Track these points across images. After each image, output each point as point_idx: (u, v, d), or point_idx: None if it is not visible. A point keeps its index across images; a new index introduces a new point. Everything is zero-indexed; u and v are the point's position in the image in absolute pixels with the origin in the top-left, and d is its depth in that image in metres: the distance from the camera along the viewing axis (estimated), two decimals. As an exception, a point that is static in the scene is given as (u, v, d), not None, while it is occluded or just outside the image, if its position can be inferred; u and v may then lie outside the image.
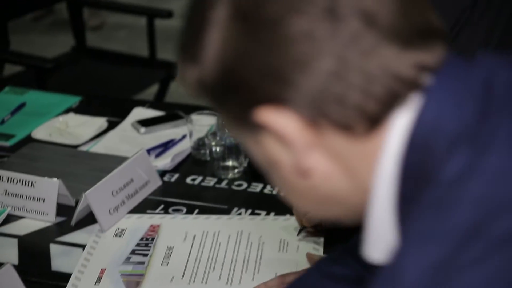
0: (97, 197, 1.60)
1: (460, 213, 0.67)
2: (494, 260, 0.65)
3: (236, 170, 1.77)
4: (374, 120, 0.71)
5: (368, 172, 0.72)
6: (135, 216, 1.65)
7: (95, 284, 1.45)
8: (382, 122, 0.71)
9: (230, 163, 1.77)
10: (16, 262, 1.52)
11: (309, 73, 0.70)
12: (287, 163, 0.74)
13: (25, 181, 1.66)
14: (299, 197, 0.79)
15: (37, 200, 1.65)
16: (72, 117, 2.06)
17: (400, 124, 0.71)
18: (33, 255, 1.55)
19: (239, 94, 0.73)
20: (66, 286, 1.44)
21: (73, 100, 2.16)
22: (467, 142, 0.69)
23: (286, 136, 0.72)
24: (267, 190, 1.71)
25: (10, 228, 1.63)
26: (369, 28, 0.70)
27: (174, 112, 2.04)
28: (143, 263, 1.50)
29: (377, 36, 0.70)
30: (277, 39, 0.70)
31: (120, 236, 1.59)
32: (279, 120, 0.71)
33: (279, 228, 1.57)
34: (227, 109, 0.76)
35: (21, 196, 1.66)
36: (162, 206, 1.69)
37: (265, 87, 0.71)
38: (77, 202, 1.64)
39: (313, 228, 1.50)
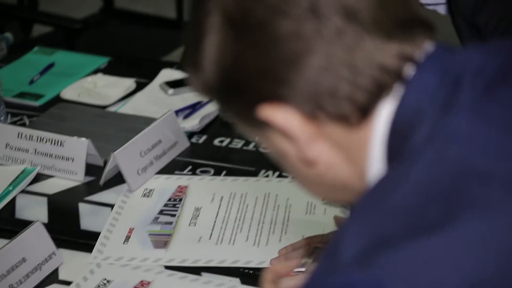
0: (125, 157, 1.61)
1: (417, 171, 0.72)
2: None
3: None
4: (365, 109, 0.76)
5: (364, 157, 0.77)
6: (163, 177, 1.66)
7: (123, 243, 1.46)
8: (372, 111, 0.76)
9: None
10: (45, 220, 1.54)
11: (301, 70, 0.75)
12: (293, 155, 0.79)
13: (55, 141, 1.67)
14: (309, 185, 0.85)
15: (66, 159, 1.67)
16: (100, 78, 2.06)
17: (385, 112, 0.76)
18: (62, 214, 1.57)
19: (240, 95, 0.78)
20: (95, 244, 1.46)
21: (102, 61, 2.17)
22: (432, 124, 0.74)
23: (288, 131, 0.77)
24: (294, 152, 1.71)
25: (40, 187, 1.65)
26: (351, 23, 0.74)
27: (202, 74, 2.03)
28: (171, 223, 1.51)
29: (359, 30, 0.75)
30: (267, 41, 0.75)
31: (148, 196, 1.60)
32: (280, 117, 0.76)
33: (306, 191, 1.57)
34: (233, 110, 0.82)
35: (51, 156, 1.67)
36: (189, 167, 1.70)
37: (262, 86, 0.76)
38: (105, 162, 1.65)
39: None
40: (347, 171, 0.79)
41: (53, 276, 1.39)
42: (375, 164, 0.78)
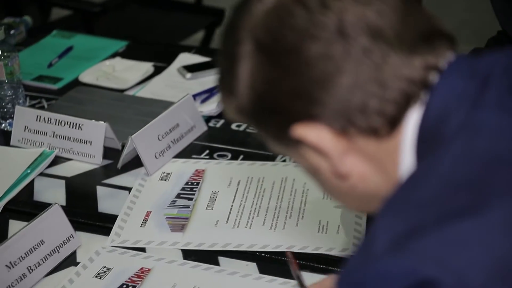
0: (143, 140, 1.61)
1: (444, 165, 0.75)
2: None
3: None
4: (394, 120, 0.79)
5: (395, 165, 0.80)
6: (181, 161, 1.66)
7: (140, 226, 1.47)
8: (401, 121, 0.80)
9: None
10: (63, 203, 1.54)
11: (331, 89, 0.78)
12: (326, 170, 0.83)
13: (73, 124, 1.68)
14: (341, 197, 0.88)
15: (84, 142, 1.67)
16: (118, 62, 2.07)
17: (412, 120, 0.79)
18: (80, 197, 1.58)
19: (273, 116, 0.82)
20: (112, 227, 1.46)
21: (120, 45, 2.17)
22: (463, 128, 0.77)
23: (321, 147, 0.80)
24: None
25: (58, 169, 1.65)
26: (376, 42, 0.79)
27: (220, 58, 2.03)
28: (188, 206, 1.51)
29: (385, 48, 0.79)
30: (298, 65, 0.79)
31: (165, 180, 1.60)
32: (313, 135, 0.80)
33: (323, 176, 1.56)
34: (267, 130, 0.85)
35: (69, 138, 1.68)
36: (207, 151, 1.70)
37: (295, 107, 0.80)
38: (123, 146, 1.66)
39: None
40: (379, 181, 0.82)
41: (71, 259, 1.40)
42: (406, 168, 0.81)
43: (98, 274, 1.35)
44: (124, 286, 1.32)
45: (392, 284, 0.69)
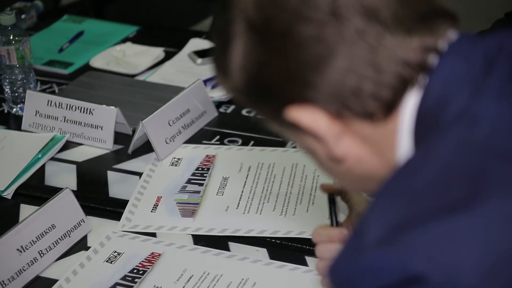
0: (153, 126, 1.61)
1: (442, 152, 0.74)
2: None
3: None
4: (390, 105, 0.77)
5: (392, 148, 0.79)
6: (191, 146, 1.67)
7: (151, 211, 1.47)
8: (397, 105, 0.77)
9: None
10: (74, 187, 1.55)
11: (325, 72, 0.76)
12: (322, 153, 0.81)
13: (84, 109, 1.68)
14: (339, 178, 0.88)
15: (95, 127, 1.67)
16: (129, 47, 2.06)
17: (410, 104, 0.77)
18: (91, 181, 1.58)
19: (267, 98, 0.81)
20: (123, 212, 1.47)
21: (131, 30, 2.17)
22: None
23: (316, 131, 0.79)
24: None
25: (69, 154, 1.66)
26: (371, 23, 0.75)
27: (230, 44, 2.03)
28: (198, 192, 1.52)
29: (380, 29, 0.76)
30: (290, 46, 0.77)
31: (176, 165, 1.60)
32: (307, 118, 0.78)
33: (334, 162, 1.56)
34: (262, 111, 0.84)
35: (80, 123, 1.68)
36: (217, 137, 1.70)
37: (288, 90, 0.78)
38: (134, 131, 1.66)
39: None
40: (375, 163, 0.80)
41: (82, 243, 1.40)
42: (403, 152, 0.79)
43: (109, 258, 1.35)
44: (135, 270, 1.33)
45: (380, 277, 0.68)
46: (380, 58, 0.76)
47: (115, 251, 1.37)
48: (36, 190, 1.55)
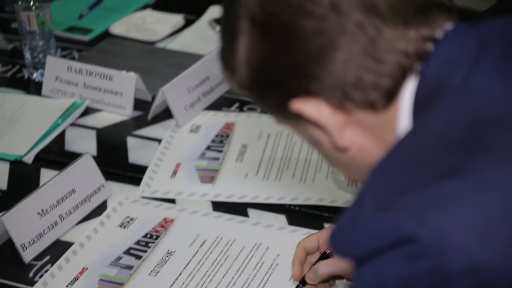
0: (173, 92, 1.62)
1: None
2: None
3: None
4: (390, 93, 0.80)
5: (393, 134, 0.81)
6: (210, 113, 1.67)
7: (170, 177, 1.48)
8: (397, 93, 0.80)
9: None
10: (94, 153, 1.55)
11: (326, 64, 0.79)
12: (326, 143, 0.84)
13: (103, 75, 1.68)
14: (344, 169, 0.89)
15: (114, 93, 1.68)
16: (149, 14, 2.06)
17: (409, 90, 0.80)
18: (111, 147, 1.59)
19: (271, 91, 0.83)
20: (142, 178, 1.47)
21: (150, -3, 2.16)
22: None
23: (319, 121, 0.81)
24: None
25: (89, 120, 1.66)
26: (370, 16, 0.78)
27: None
28: (217, 159, 1.52)
29: (378, 22, 0.78)
30: (292, 41, 0.79)
31: (195, 132, 1.61)
32: (311, 109, 0.80)
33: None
34: (268, 105, 0.86)
35: (99, 89, 1.69)
36: (237, 104, 1.70)
37: (292, 82, 0.81)
38: (153, 98, 1.66)
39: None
40: (378, 151, 0.82)
41: (102, 208, 1.41)
42: (402, 133, 0.81)
43: (122, 224, 1.36)
44: (148, 235, 1.33)
45: (374, 241, 0.71)
46: (379, 50, 0.78)
47: (128, 217, 1.37)
48: (57, 155, 1.55)
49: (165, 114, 1.65)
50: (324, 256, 1.17)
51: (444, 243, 0.68)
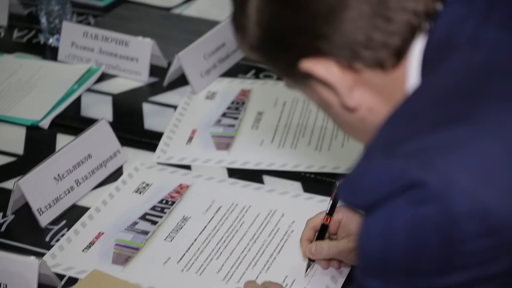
0: (189, 59, 1.61)
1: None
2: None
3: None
4: (399, 52, 0.79)
5: (402, 94, 0.80)
6: (226, 80, 1.66)
7: (186, 143, 1.48)
8: (406, 52, 0.80)
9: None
10: (110, 119, 1.56)
11: (336, 24, 0.78)
12: (336, 103, 0.84)
13: (119, 40, 1.68)
14: (352, 131, 0.89)
15: (130, 59, 1.67)
16: (165, -21, 2.05)
17: (418, 48, 0.80)
18: (127, 113, 1.59)
19: (281, 52, 0.83)
20: (158, 144, 1.48)
21: (166, -38, 2.15)
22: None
23: (329, 81, 0.81)
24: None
25: (105, 86, 1.66)
26: None
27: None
28: (233, 125, 1.52)
29: None
30: (302, 0, 0.79)
31: (211, 98, 1.61)
32: (320, 68, 0.80)
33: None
34: (278, 66, 0.86)
35: (115, 55, 1.68)
36: (253, 71, 1.69)
37: (301, 42, 0.80)
38: (169, 64, 1.66)
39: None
40: (386, 111, 0.81)
41: (117, 174, 1.42)
42: (411, 91, 0.82)
43: (138, 189, 1.37)
44: (164, 201, 1.34)
45: (381, 187, 0.71)
46: (389, 9, 0.78)
47: (144, 182, 1.38)
48: (73, 121, 1.56)
49: (181, 81, 1.64)
50: (322, 228, 1.18)
51: (451, 187, 0.69)
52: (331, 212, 1.17)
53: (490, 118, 0.72)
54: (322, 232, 1.18)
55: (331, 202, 1.17)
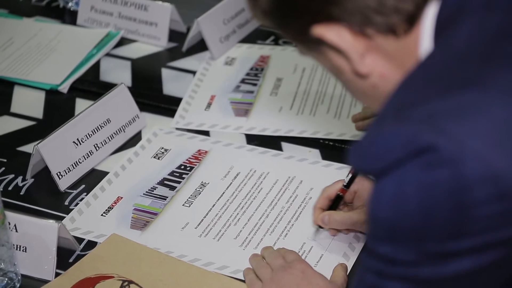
0: (208, 24, 1.60)
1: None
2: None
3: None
4: (412, 18, 0.78)
5: (414, 59, 0.80)
6: (245, 46, 1.65)
7: (205, 109, 1.48)
8: (419, 17, 0.79)
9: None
10: (129, 84, 1.56)
11: None
12: (348, 69, 0.83)
13: (139, 5, 1.67)
14: (365, 98, 0.88)
15: (149, 24, 1.67)
16: None
17: (430, 14, 0.79)
18: (145, 78, 1.59)
19: (293, 18, 0.82)
20: (177, 109, 1.47)
21: None
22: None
23: (341, 47, 0.80)
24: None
25: (124, 50, 1.66)
26: None
27: None
28: (252, 92, 1.51)
29: None
30: None
31: (230, 64, 1.60)
32: (332, 34, 0.80)
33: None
34: (290, 32, 0.85)
35: (134, 20, 1.68)
36: (272, 37, 1.68)
37: (313, 7, 0.80)
38: (188, 29, 1.65)
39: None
40: (398, 78, 0.81)
41: (136, 139, 1.42)
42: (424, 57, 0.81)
43: (156, 154, 1.37)
44: (182, 167, 1.34)
45: (393, 152, 0.71)
46: None
47: (162, 148, 1.38)
48: (92, 85, 1.56)
49: (200, 46, 1.64)
50: (337, 198, 1.18)
51: (462, 151, 0.68)
52: (348, 185, 1.17)
53: (502, 83, 0.72)
54: (336, 203, 1.18)
55: (350, 175, 1.17)
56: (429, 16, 0.78)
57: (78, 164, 1.33)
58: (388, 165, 0.72)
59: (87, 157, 1.35)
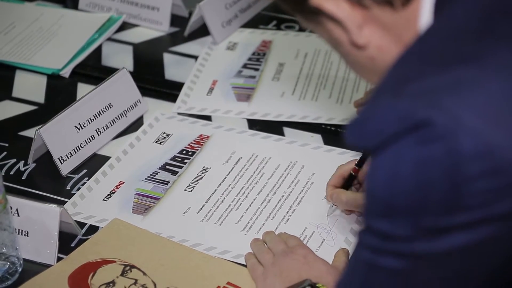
0: (210, 8, 1.60)
1: None
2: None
3: None
4: None
5: (413, 33, 0.79)
6: (248, 31, 1.65)
7: (207, 94, 1.47)
8: None
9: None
10: (131, 68, 1.55)
11: None
12: (345, 40, 0.82)
13: (141, -11, 1.67)
14: (362, 71, 0.88)
15: (151, 9, 1.66)
16: None
17: None
18: (147, 63, 1.58)
19: None
20: (178, 94, 1.47)
21: None
22: None
23: (338, 17, 0.80)
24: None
25: (126, 35, 1.66)
26: None
27: None
28: (254, 77, 1.51)
29: None
30: None
31: (232, 49, 1.59)
32: (330, 4, 0.80)
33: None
34: (288, 2, 0.85)
35: (136, 4, 1.67)
36: (274, 22, 1.68)
37: None
38: (190, 13, 1.65)
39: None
40: (396, 51, 0.81)
41: (138, 124, 1.42)
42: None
43: (158, 139, 1.37)
44: (184, 151, 1.34)
45: (389, 127, 0.71)
46: None
47: (164, 132, 1.38)
48: (93, 70, 1.55)
49: (202, 31, 1.63)
50: (349, 177, 1.18)
51: (457, 126, 0.68)
52: (360, 164, 1.17)
53: (500, 58, 0.71)
54: (348, 181, 1.19)
55: (362, 154, 1.17)
56: None
57: (80, 149, 1.33)
58: (384, 141, 0.71)
59: (89, 142, 1.35)
